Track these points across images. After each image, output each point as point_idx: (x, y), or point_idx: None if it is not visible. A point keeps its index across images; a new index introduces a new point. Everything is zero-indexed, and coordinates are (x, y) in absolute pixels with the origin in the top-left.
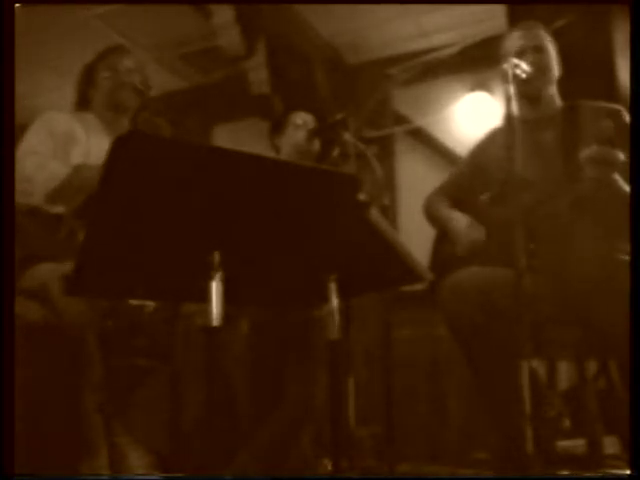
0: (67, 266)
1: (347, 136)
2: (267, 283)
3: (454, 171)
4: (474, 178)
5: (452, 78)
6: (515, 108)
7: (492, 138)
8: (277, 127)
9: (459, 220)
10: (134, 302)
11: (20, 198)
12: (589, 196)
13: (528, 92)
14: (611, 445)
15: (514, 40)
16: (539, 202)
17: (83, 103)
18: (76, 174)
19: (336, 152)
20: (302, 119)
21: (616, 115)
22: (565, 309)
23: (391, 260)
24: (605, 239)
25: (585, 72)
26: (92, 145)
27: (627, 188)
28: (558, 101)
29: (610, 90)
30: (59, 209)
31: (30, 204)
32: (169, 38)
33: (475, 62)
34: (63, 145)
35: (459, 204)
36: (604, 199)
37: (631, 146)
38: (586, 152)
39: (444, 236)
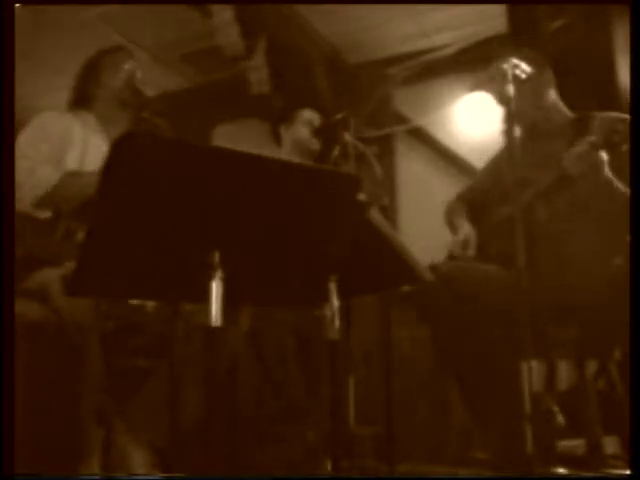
0: (67, 266)
1: (347, 136)
2: (267, 283)
3: (475, 179)
4: (490, 188)
5: (452, 78)
6: (514, 107)
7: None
8: (284, 118)
9: (461, 230)
10: (134, 302)
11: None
12: (586, 195)
13: (524, 117)
14: (611, 445)
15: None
16: (538, 201)
17: (84, 102)
18: (69, 181)
19: (336, 152)
20: (310, 116)
21: (626, 124)
22: (565, 309)
23: (391, 260)
24: (605, 239)
25: (585, 72)
26: (89, 148)
27: (623, 188)
28: (566, 112)
29: (610, 90)
30: (47, 214)
31: (19, 210)
32: (169, 38)
33: (475, 62)
34: (58, 147)
35: (477, 212)
36: (603, 199)
37: (631, 146)
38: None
39: None
